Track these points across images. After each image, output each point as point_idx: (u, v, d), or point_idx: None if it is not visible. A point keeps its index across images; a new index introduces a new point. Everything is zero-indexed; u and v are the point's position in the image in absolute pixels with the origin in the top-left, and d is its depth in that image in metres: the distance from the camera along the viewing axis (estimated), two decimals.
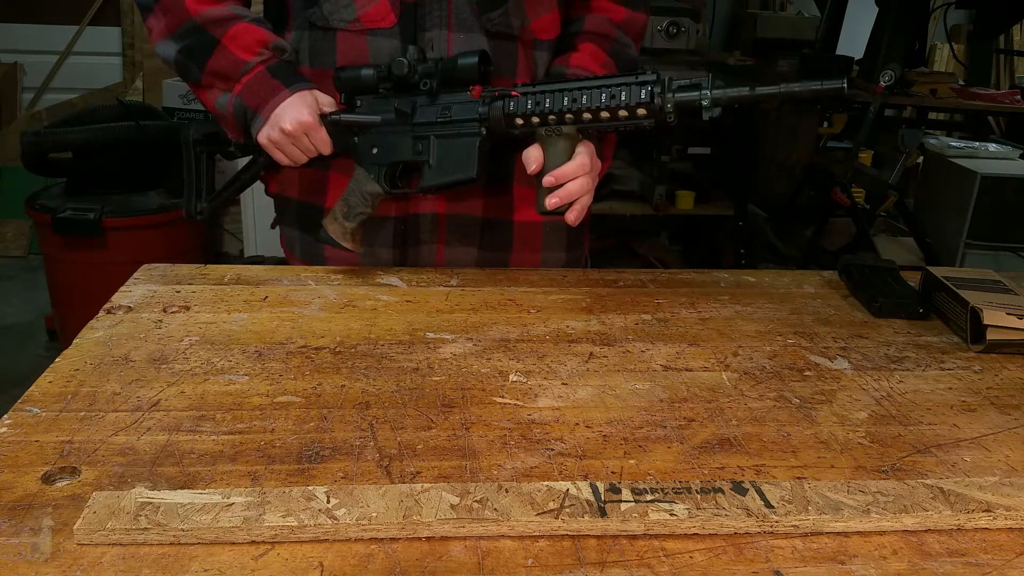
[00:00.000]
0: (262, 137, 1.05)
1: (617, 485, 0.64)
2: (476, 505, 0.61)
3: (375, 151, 1.06)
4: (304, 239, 1.19)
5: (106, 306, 0.95)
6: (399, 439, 0.72)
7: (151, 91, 3.84)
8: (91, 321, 0.93)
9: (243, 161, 1.14)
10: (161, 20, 1.07)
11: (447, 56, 1.04)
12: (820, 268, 1.19)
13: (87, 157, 2.62)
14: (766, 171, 3.51)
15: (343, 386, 0.81)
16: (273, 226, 1.25)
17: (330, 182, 1.13)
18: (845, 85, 0.90)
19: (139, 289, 1.02)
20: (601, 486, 0.64)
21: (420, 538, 0.60)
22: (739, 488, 0.65)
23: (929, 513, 0.63)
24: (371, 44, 1.07)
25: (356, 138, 1.06)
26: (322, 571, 0.56)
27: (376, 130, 1.05)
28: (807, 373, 0.88)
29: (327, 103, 1.06)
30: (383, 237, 1.14)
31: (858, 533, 0.62)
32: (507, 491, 0.63)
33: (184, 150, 1.12)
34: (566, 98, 0.97)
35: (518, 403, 0.79)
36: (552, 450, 0.71)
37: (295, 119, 1.02)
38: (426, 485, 0.64)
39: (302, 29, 1.11)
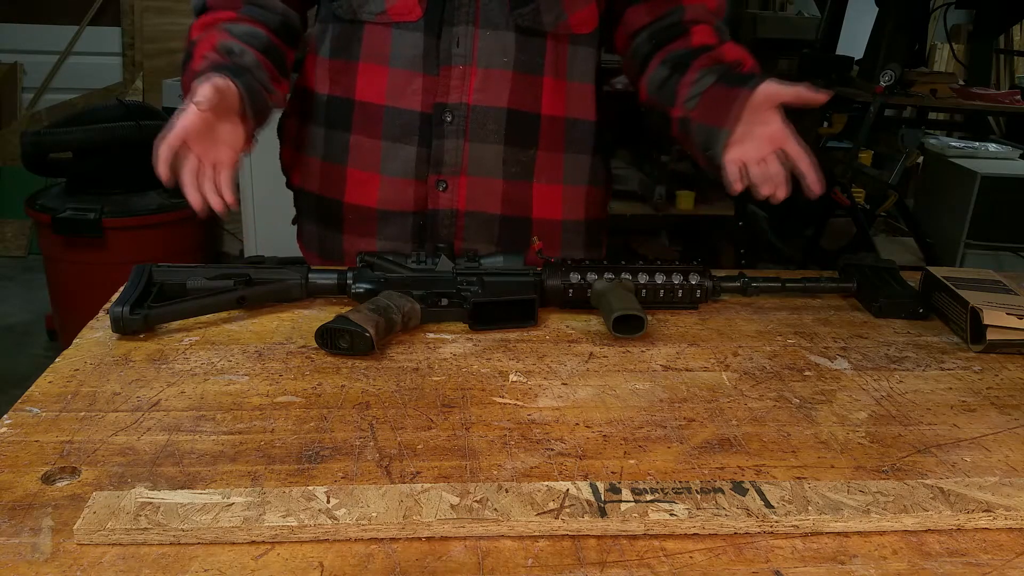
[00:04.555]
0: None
1: (617, 485, 0.64)
2: (476, 505, 0.61)
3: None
4: (321, 234, 1.19)
5: (106, 306, 0.94)
6: (399, 439, 0.72)
7: (151, 91, 3.84)
8: (91, 321, 0.93)
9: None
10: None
11: (495, 272, 1.00)
12: (820, 268, 1.19)
13: (87, 157, 2.62)
14: None
15: (343, 386, 0.81)
16: (294, 222, 1.25)
17: (348, 177, 1.14)
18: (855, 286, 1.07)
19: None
20: (601, 486, 0.64)
21: (420, 538, 0.60)
22: (739, 488, 0.65)
23: (929, 513, 0.63)
24: (395, 37, 1.07)
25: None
26: (322, 571, 0.56)
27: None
28: (807, 373, 0.88)
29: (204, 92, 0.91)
30: (401, 232, 1.14)
31: (858, 533, 0.62)
32: (507, 491, 0.63)
33: None
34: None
35: (518, 403, 0.79)
36: (552, 450, 0.71)
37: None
38: (426, 485, 0.64)
39: (326, 21, 1.12)
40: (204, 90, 0.89)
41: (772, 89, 0.96)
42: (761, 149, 0.99)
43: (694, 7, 1.12)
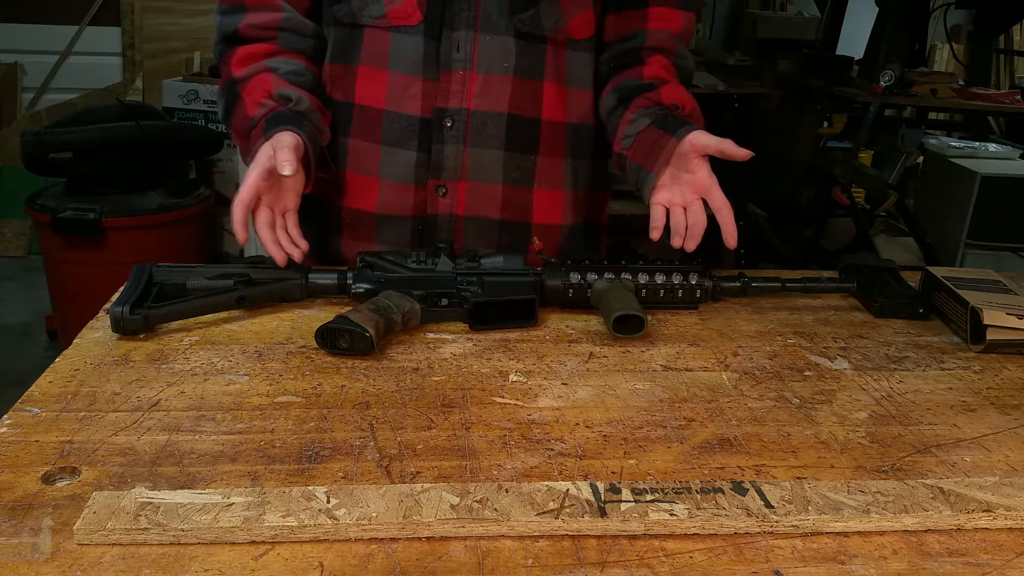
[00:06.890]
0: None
1: (617, 485, 0.64)
2: (476, 505, 0.61)
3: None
4: (320, 237, 1.19)
5: (106, 306, 0.94)
6: (399, 439, 0.72)
7: (151, 91, 3.84)
8: (91, 321, 0.93)
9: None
10: (221, 76, 1.10)
11: (496, 273, 1.00)
12: (820, 268, 1.19)
13: (87, 157, 2.62)
14: (766, 171, 3.52)
15: (343, 386, 0.81)
16: None
17: (347, 181, 1.13)
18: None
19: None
20: (601, 486, 0.64)
21: (420, 538, 0.60)
22: (739, 488, 0.65)
23: (929, 513, 0.63)
24: (395, 42, 1.07)
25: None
26: (322, 571, 0.56)
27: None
28: (807, 373, 0.88)
29: (286, 145, 0.95)
30: (400, 236, 1.14)
31: (858, 533, 0.62)
32: (507, 491, 0.63)
33: None
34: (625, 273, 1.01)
35: (518, 403, 0.79)
36: (552, 450, 0.71)
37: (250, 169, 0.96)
38: (426, 485, 0.64)
39: (326, 25, 1.12)
40: (285, 155, 0.93)
41: (698, 140, 0.99)
42: (686, 195, 1.03)
43: (657, 33, 1.12)
